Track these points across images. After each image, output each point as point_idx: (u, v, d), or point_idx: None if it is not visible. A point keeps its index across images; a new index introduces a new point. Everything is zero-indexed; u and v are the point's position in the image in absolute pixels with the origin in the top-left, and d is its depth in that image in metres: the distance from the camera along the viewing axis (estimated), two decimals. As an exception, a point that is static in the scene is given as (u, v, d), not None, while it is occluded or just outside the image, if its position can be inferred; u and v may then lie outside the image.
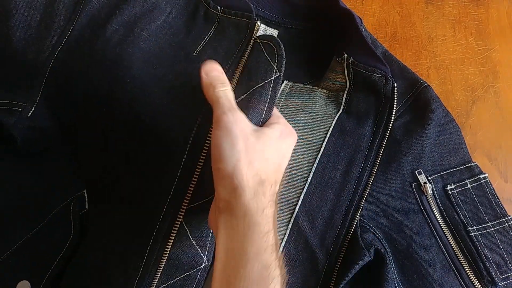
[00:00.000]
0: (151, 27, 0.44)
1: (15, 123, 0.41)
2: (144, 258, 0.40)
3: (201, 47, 0.44)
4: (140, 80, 0.42)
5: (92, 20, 0.43)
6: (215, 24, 0.46)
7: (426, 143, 0.49)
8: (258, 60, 0.42)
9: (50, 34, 0.41)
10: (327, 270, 0.45)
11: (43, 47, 0.41)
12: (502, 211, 0.47)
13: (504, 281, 0.44)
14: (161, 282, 0.41)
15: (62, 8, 0.42)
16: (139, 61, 0.42)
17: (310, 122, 0.51)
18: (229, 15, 0.46)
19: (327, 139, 0.50)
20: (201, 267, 0.42)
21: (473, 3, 0.63)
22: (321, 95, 0.53)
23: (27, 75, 0.42)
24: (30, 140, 0.43)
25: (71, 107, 0.43)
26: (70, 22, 0.42)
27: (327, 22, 0.55)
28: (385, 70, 0.50)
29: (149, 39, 0.44)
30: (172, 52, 0.44)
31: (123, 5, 0.44)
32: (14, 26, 0.40)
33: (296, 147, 0.48)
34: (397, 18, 0.63)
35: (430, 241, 0.46)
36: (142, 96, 0.42)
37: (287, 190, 0.49)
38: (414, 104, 0.51)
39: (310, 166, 0.49)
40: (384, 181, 0.48)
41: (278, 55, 0.41)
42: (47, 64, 0.41)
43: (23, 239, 0.42)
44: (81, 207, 0.44)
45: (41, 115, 0.42)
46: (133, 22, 0.44)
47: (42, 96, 0.42)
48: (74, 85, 0.42)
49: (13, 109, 0.41)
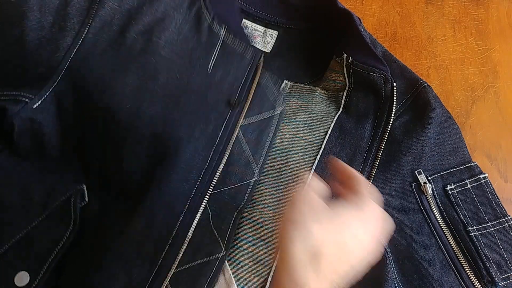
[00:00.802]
0: (166, 35, 0.47)
1: (18, 112, 0.42)
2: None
3: (212, 65, 0.48)
4: (169, 89, 0.46)
5: (106, 26, 0.45)
6: (219, 42, 0.50)
7: (426, 143, 0.49)
8: (267, 91, 0.50)
9: (65, 35, 0.44)
10: None
11: (58, 47, 0.43)
12: (502, 211, 0.47)
13: (504, 281, 0.44)
14: (183, 263, 0.43)
15: (75, 12, 0.44)
16: (164, 70, 0.46)
17: (309, 122, 0.51)
18: (232, 40, 0.50)
19: (326, 139, 0.50)
20: (219, 255, 0.44)
21: (473, 3, 0.63)
22: (321, 95, 0.53)
23: (40, 73, 0.43)
24: (25, 132, 0.43)
25: (81, 108, 0.45)
26: (84, 26, 0.44)
27: (326, 22, 0.55)
28: (385, 70, 0.50)
29: (166, 47, 0.47)
30: (188, 60, 0.48)
31: (136, 15, 0.47)
32: (28, 27, 0.42)
33: (296, 147, 0.48)
34: (397, 18, 0.63)
35: (430, 241, 0.46)
36: (173, 105, 0.45)
37: (287, 191, 0.49)
38: (414, 104, 0.51)
39: (310, 166, 0.49)
40: (384, 181, 0.48)
41: (281, 91, 0.51)
42: (63, 63, 0.44)
43: (22, 233, 0.42)
44: (81, 200, 0.45)
45: (46, 110, 0.44)
46: (150, 31, 0.46)
47: (52, 93, 0.44)
48: (93, 88, 0.45)
49: (19, 99, 0.43)
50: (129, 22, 0.46)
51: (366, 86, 0.51)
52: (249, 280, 0.45)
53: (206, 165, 0.45)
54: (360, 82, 0.51)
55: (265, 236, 0.47)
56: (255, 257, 0.46)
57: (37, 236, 0.42)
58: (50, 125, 0.44)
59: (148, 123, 0.45)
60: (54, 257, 0.42)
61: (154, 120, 0.45)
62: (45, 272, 0.41)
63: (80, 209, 0.44)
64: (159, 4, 0.48)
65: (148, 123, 0.45)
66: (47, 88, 0.44)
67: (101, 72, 0.45)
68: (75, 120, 0.45)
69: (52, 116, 0.44)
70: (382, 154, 0.49)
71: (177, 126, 0.45)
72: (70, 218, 0.43)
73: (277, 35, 0.58)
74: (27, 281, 0.41)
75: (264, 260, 0.46)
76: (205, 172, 0.45)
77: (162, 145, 0.44)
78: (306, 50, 0.56)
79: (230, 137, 0.47)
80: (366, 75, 0.51)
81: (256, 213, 0.48)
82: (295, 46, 0.57)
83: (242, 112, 0.48)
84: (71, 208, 0.43)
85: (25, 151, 0.45)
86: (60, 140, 0.45)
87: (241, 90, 0.48)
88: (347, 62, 0.52)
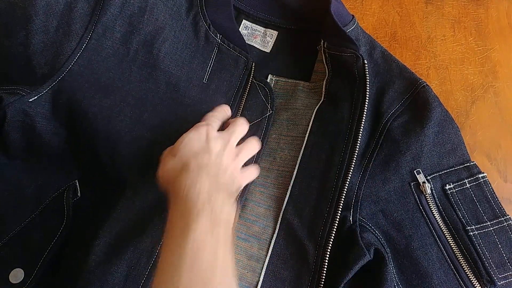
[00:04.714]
0: (166, 46, 0.49)
1: (13, 102, 0.43)
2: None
3: (208, 74, 0.51)
4: (168, 103, 0.48)
5: (108, 32, 0.47)
6: (215, 50, 0.52)
7: (425, 143, 0.49)
8: (256, 101, 0.52)
9: (69, 40, 0.46)
10: (317, 262, 0.44)
11: (62, 50, 0.45)
12: (500, 210, 0.47)
13: (503, 280, 0.44)
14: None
15: (78, 17, 0.46)
16: (163, 84, 0.48)
17: (292, 118, 0.52)
18: (228, 47, 0.52)
19: (308, 131, 0.51)
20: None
21: (473, 3, 0.63)
22: (304, 88, 0.54)
23: (42, 74, 0.45)
24: (16, 124, 0.44)
25: (78, 110, 0.45)
26: (87, 31, 0.46)
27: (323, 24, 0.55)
28: (354, 48, 0.50)
29: (166, 59, 0.49)
30: (186, 71, 0.50)
31: (138, 24, 0.48)
32: (33, 30, 0.44)
33: (282, 144, 0.51)
34: (396, 18, 0.63)
35: (429, 241, 0.46)
36: (171, 117, 0.48)
37: (276, 187, 0.49)
38: (413, 104, 0.51)
39: (295, 161, 0.50)
40: (383, 181, 0.49)
41: (271, 99, 0.52)
42: (66, 65, 0.45)
43: (16, 230, 0.43)
44: (74, 195, 0.45)
45: (41, 105, 0.44)
46: (150, 42, 0.48)
47: (50, 91, 0.45)
48: (93, 93, 0.46)
49: (17, 92, 0.43)
50: (131, 31, 0.48)
51: (342, 70, 0.51)
52: (243, 276, 0.45)
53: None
54: (337, 66, 0.52)
55: (257, 232, 0.48)
56: (248, 253, 0.47)
57: (31, 233, 0.43)
58: (43, 121, 0.45)
59: (149, 130, 0.46)
60: (48, 253, 0.42)
61: (154, 128, 0.46)
62: (39, 268, 0.42)
63: (73, 204, 0.44)
64: (159, 13, 0.49)
65: (149, 129, 0.46)
66: (46, 86, 0.45)
67: (103, 79, 0.46)
68: (69, 120, 0.46)
69: (46, 113, 0.45)
70: (381, 154, 0.49)
71: (176, 138, 0.45)
72: (63, 213, 0.44)
73: (276, 35, 0.58)
74: (22, 278, 0.41)
75: (257, 255, 0.46)
76: None
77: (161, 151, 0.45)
78: (305, 50, 0.56)
79: None
80: (339, 57, 0.51)
81: (247, 210, 0.48)
82: (294, 47, 0.57)
83: None
84: (64, 203, 0.44)
85: (15, 147, 0.45)
86: (52, 137, 0.45)
87: (233, 101, 0.51)
88: (324, 48, 0.52)
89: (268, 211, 0.48)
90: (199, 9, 0.52)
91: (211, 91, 0.50)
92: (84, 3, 0.47)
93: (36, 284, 0.41)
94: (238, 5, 0.57)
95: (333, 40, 0.52)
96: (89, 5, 0.47)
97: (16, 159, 0.46)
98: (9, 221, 0.43)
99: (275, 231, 0.47)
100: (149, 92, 0.48)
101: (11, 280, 0.41)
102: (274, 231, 0.47)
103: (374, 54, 0.54)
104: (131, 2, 0.49)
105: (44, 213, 0.44)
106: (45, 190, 0.45)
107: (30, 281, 0.41)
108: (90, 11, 0.47)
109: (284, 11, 0.57)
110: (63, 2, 0.46)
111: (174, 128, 0.47)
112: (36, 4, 0.44)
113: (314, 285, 0.44)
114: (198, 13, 0.52)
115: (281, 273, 0.45)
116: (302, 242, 0.46)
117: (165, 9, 0.50)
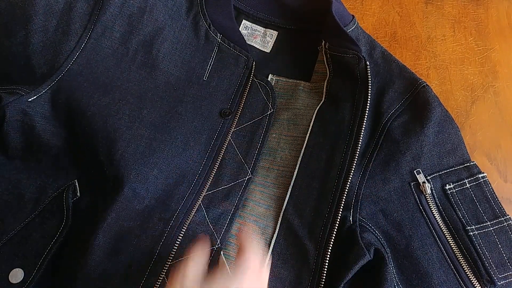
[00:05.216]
0: (165, 46, 0.50)
1: (12, 102, 0.43)
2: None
3: (208, 72, 0.51)
4: (167, 101, 0.48)
5: (107, 31, 0.47)
6: (215, 49, 0.52)
7: (425, 143, 0.49)
8: (257, 99, 0.52)
9: (68, 39, 0.46)
10: (317, 262, 0.44)
11: (61, 50, 0.45)
12: (500, 210, 0.47)
13: (503, 280, 0.44)
14: (178, 255, 0.43)
15: (78, 17, 0.47)
16: (162, 83, 0.49)
17: (293, 118, 0.52)
18: (228, 46, 0.53)
19: (309, 131, 0.50)
20: (214, 248, 0.45)
21: (473, 3, 0.63)
22: (305, 88, 0.54)
23: (42, 73, 0.45)
24: (15, 124, 0.44)
25: (76, 109, 0.45)
26: (86, 30, 0.47)
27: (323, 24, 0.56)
28: (356, 49, 0.50)
29: (165, 59, 0.50)
30: (185, 70, 0.50)
31: (138, 24, 0.49)
32: (33, 29, 0.44)
33: (283, 144, 0.51)
34: (396, 18, 0.63)
35: (429, 241, 0.46)
36: (171, 114, 0.48)
37: (276, 187, 0.49)
38: (413, 104, 0.51)
39: (296, 161, 0.50)
40: (383, 181, 0.49)
41: (272, 97, 0.52)
42: (65, 65, 0.45)
43: (15, 230, 0.43)
44: (73, 195, 0.45)
45: (40, 105, 0.45)
46: (150, 42, 0.49)
47: (49, 90, 0.45)
48: (92, 92, 0.46)
49: (16, 92, 0.44)
50: (130, 31, 0.48)
51: (343, 71, 0.51)
52: None
53: (199, 170, 0.47)
54: (338, 67, 0.52)
55: (257, 232, 0.47)
56: None
57: (31, 233, 0.43)
58: (42, 121, 0.45)
59: (147, 127, 0.46)
60: (48, 253, 0.42)
61: (153, 125, 0.46)
62: (39, 268, 0.42)
63: (72, 204, 0.44)
64: (158, 13, 0.49)
65: (148, 126, 0.46)
66: (45, 85, 0.45)
67: (102, 78, 0.46)
68: (68, 120, 0.46)
69: (45, 112, 0.45)
70: (381, 154, 0.49)
71: (175, 135, 0.46)
72: (63, 213, 0.43)
73: (276, 35, 0.58)
74: (22, 278, 0.41)
75: None
76: (198, 176, 0.47)
77: (159, 149, 0.46)
78: (306, 50, 0.56)
79: (222, 144, 0.49)
80: (340, 58, 0.51)
81: (247, 210, 0.48)
82: (294, 47, 0.57)
83: (233, 120, 0.50)
84: (64, 203, 0.44)
85: (14, 147, 0.45)
86: (51, 137, 0.45)
87: (233, 98, 0.51)
88: (325, 48, 0.52)
89: (268, 211, 0.48)
90: (199, 8, 0.53)
91: (211, 89, 0.51)
92: (84, 3, 0.47)
93: (36, 284, 0.41)
94: (238, 5, 0.58)
95: (334, 41, 0.52)
96: (89, 4, 0.47)
97: (16, 159, 0.46)
98: (8, 221, 0.43)
99: (275, 231, 0.47)
100: (148, 90, 0.48)
101: (11, 280, 0.41)
102: (274, 231, 0.47)
103: (374, 54, 0.54)
104: (131, 2, 0.49)
105: (44, 213, 0.44)
106: (44, 190, 0.45)
107: (30, 281, 0.41)
108: (90, 11, 0.47)
109: (284, 11, 0.57)
110: (62, 2, 0.46)
111: (173, 125, 0.47)
112: (36, 3, 0.44)
113: (314, 285, 0.44)
114: (198, 13, 0.53)
115: (281, 273, 0.45)
116: (303, 242, 0.46)
117: (164, 10, 0.51)
